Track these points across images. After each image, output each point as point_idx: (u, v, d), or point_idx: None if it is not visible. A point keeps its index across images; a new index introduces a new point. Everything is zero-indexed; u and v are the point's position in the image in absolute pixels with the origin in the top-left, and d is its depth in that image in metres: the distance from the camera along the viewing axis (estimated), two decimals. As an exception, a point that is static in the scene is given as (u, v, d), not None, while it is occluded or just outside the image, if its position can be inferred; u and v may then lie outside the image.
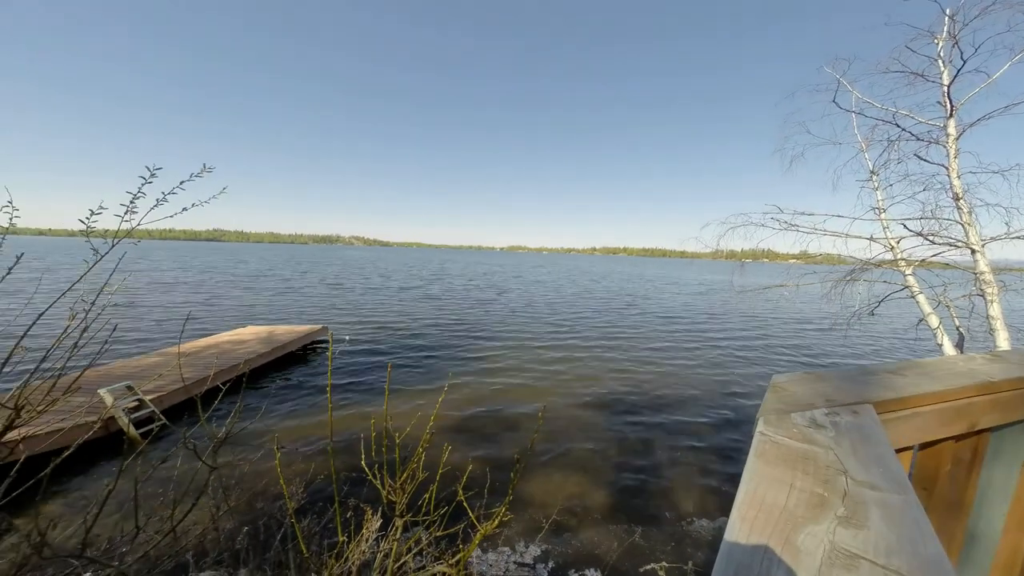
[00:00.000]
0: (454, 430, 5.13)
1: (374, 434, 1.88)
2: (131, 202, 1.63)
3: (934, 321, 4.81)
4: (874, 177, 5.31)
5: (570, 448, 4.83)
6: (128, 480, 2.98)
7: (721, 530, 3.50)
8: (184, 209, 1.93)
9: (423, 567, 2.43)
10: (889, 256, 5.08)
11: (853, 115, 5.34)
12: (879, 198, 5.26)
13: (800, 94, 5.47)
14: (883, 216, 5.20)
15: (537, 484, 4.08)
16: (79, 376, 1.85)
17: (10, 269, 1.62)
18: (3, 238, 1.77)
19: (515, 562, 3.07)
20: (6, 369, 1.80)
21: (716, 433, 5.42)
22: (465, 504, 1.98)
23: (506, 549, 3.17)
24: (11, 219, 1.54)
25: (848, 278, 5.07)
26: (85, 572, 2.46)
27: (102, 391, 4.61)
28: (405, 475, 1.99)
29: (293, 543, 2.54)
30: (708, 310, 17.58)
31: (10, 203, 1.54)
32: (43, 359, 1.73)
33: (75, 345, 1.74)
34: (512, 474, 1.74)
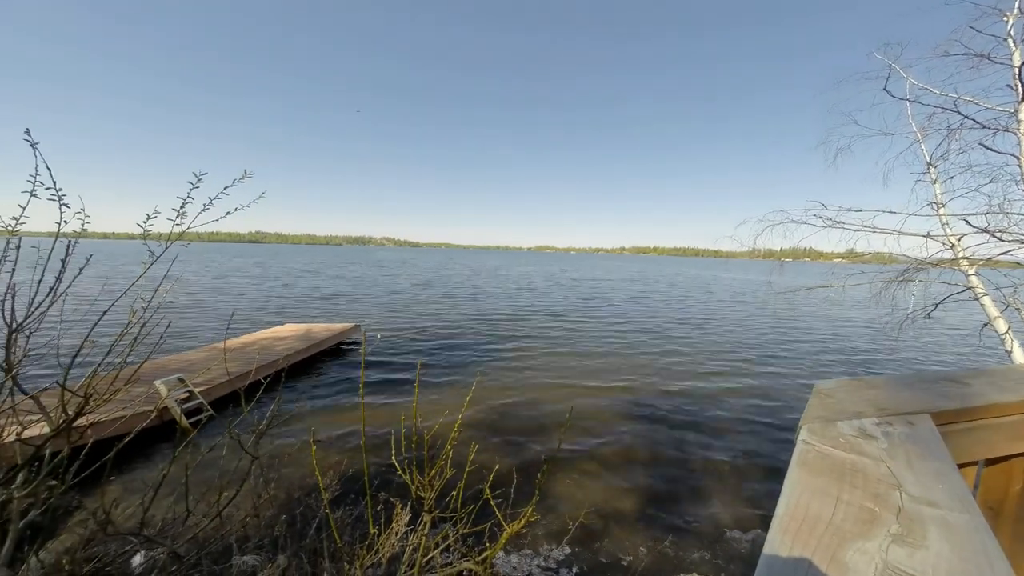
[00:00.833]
0: (483, 430, 5.17)
1: (404, 430, 1.92)
2: (181, 207, 1.74)
3: (1002, 326, 4.39)
4: (931, 170, 4.91)
5: (599, 451, 4.76)
6: (179, 466, 3.20)
7: (758, 541, 3.35)
8: (228, 213, 2.05)
9: (450, 563, 2.47)
10: (948, 255, 4.68)
11: (907, 103, 4.97)
12: (937, 192, 4.86)
13: (847, 83, 5.14)
14: (942, 211, 4.80)
15: (565, 486, 4.05)
16: (138, 368, 1.99)
17: (80, 270, 1.78)
18: (75, 242, 1.94)
19: (539, 565, 3.06)
20: (63, 359, 1.97)
21: (753, 440, 5.19)
22: (492, 503, 1.99)
23: (530, 551, 3.17)
24: (83, 224, 1.69)
25: (901, 278, 4.72)
26: (142, 549, 2.66)
27: (157, 383, 4.97)
28: (433, 472, 2.02)
29: (327, 532, 2.64)
30: (744, 311, 16.85)
31: (82, 210, 1.69)
32: (108, 352, 1.89)
33: (135, 340, 1.89)
34: (539, 475, 1.74)
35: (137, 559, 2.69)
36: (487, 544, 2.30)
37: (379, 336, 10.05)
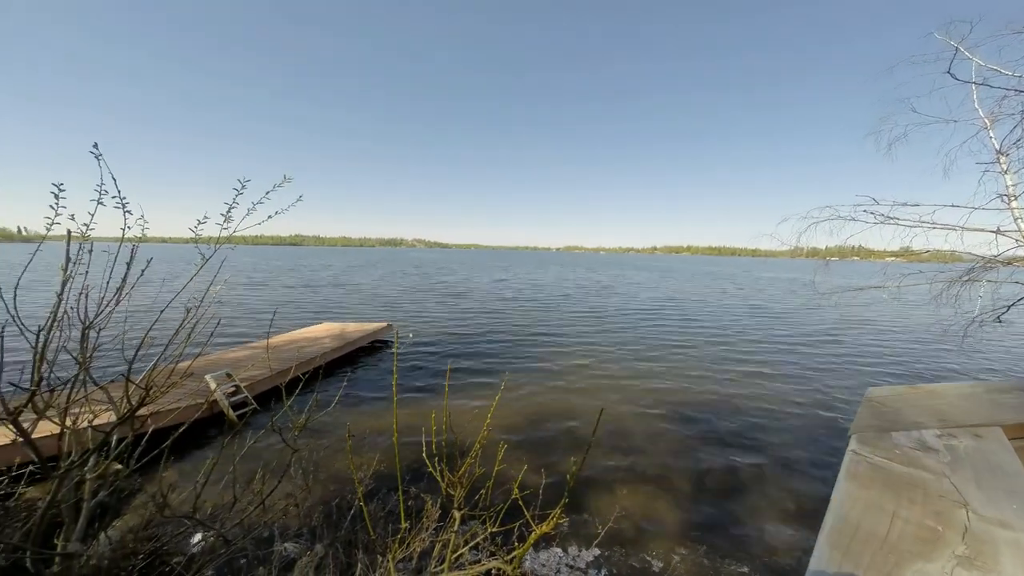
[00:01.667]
0: (512, 431, 5.19)
1: (434, 428, 1.96)
2: (228, 211, 1.86)
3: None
4: (1001, 159, 4.47)
5: (633, 455, 4.66)
6: (226, 456, 3.42)
7: (802, 553, 3.17)
8: (269, 216, 2.16)
9: (478, 561, 2.49)
10: (1023, 252, 4.25)
11: (973, 87, 4.54)
12: (1009, 183, 4.42)
13: (902, 67, 4.77)
14: (1014, 204, 4.36)
15: (595, 490, 3.99)
16: (192, 363, 2.13)
17: (142, 271, 1.93)
18: (137, 246, 2.11)
19: (567, 564, 3.03)
20: (126, 353, 2.14)
21: (797, 446, 4.91)
22: (521, 503, 1.99)
23: (559, 552, 3.14)
24: (143, 230, 1.83)
25: (966, 278, 4.33)
26: (195, 532, 2.85)
27: (207, 377, 5.31)
28: (463, 470, 2.05)
29: (361, 525, 2.74)
30: (786, 312, 15.99)
31: (142, 216, 1.83)
32: (166, 348, 2.04)
33: (188, 336, 2.02)
34: (568, 476, 1.72)
35: (190, 541, 2.89)
36: (515, 544, 2.30)
37: (411, 336, 10.29)
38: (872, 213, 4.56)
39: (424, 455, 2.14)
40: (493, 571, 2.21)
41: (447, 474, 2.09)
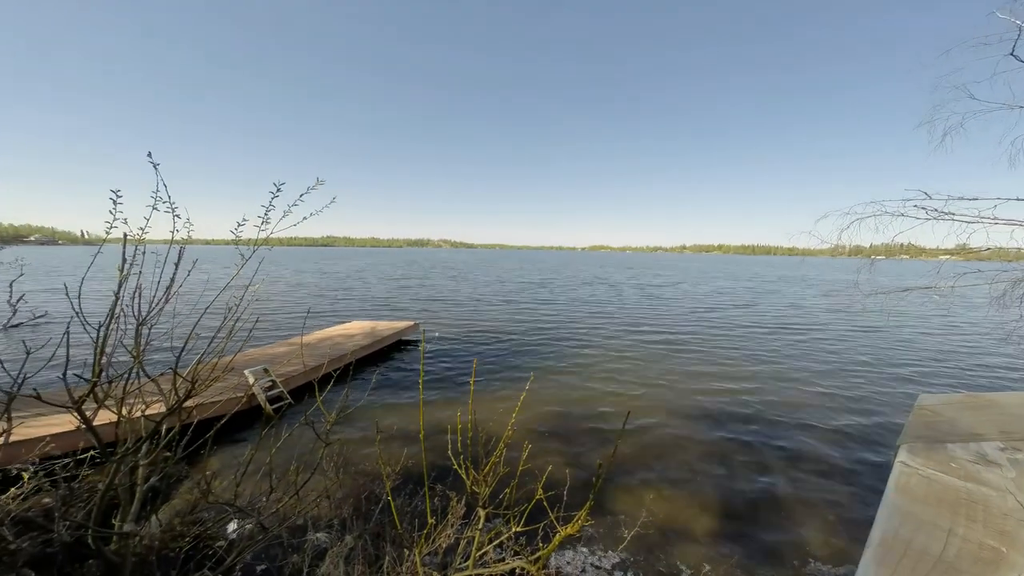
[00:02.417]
0: (538, 432, 5.18)
1: (460, 426, 1.98)
2: (265, 214, 1.95)
3: None
4: (1077, 146, 4.07)
5: (662, 458, 4.55)
6: (263, 448, 3.59)
7: (844, 568, 3.00)
8: (304, 219, 2.25)
9: (503, 559, 2.50)
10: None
11: (1042, 68, 4.16)
12: (1085, 173, 4.01)
13: (958, 51, 4.42)
14: (1092, 196, 3.96)
15: (622, 494, 3.92)
16: (232, 358, 2.24)
17: (188, 272, 2.05)
18: (184, 248, 2.24)
19: (593, 564, 2.99)
20: (174, 348, 2.28)
21: (840, 455, 4.65)
22: (545, 503, 1.99)
23: (585, 554, 3.11)
24: (189, 233, 1.95)
25: (1034, 277, 3.97)
26: (235, 518, 3.01)
27: (247, 372, 5.59)
28: (488, 468, 2.06)
29: (388, 518, 2.80)
30: (826, 314, 15.16)
31: (188, 220, 1.95)
32: (210, 343, 2.16)
33: (230, 333, 2.14)
34: (594, 478, 1.70)
35: (231, 526, 3.05)
36: (540, 544, 2.30)
37: (437, 335, 10.45)
38: (924, 208, 4.25)
39: (449, 452, 2.17)
40: (517, 570, 2.21)
41: (472, 472, 2.11)
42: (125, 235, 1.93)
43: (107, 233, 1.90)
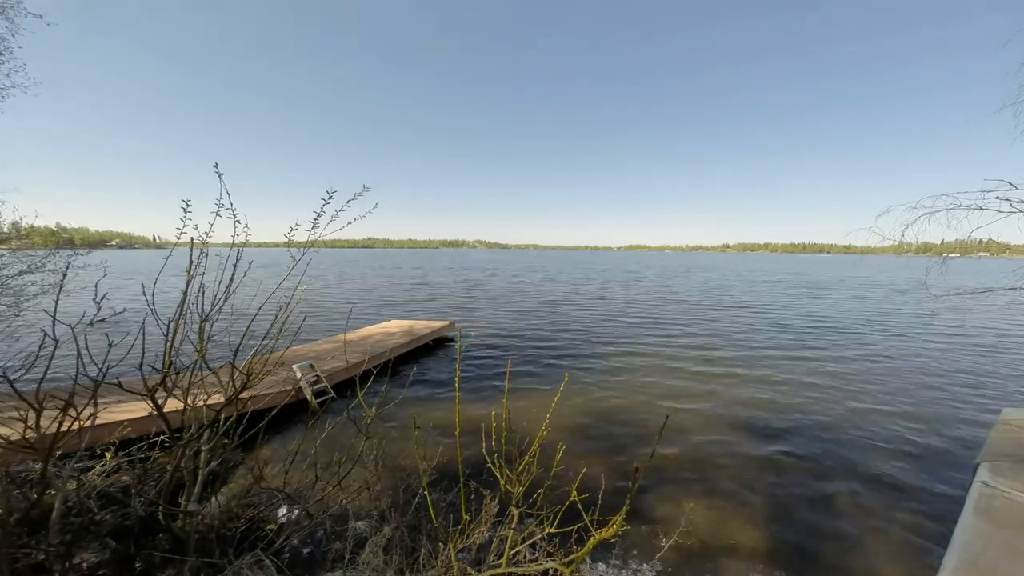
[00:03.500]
0: (572, 432, 5.13)
1: (494, 424, 2.00)
2: (315, 219, 2.06)
3: None
4: None
5: (705, 466, 4.37)
6: (309, 439, 3.80)
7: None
8: (349, 223, 2.36)
9: (536, 559, 2.49)
10: None
11: None
12: None
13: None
14: None
15: (659, 499, 3.80)
16: (283, 354, 2.39)
17: (245, 273, 2.21)
18: (240, 251, 2.42)
19: (627, 573, 2.92)
20: (230, 343, 2.45)
21: (900, 471, 4.26)
22: (579, 506, 1.96)
23: (618, 563, 3.03)
24: (246, 237, 2.10)
25: None
26: (283, 504, 3.20)
27: (294, 366, 5.93)
28: (522, 467, 2.07)
29: (425, 512, 2.88)
30: (887, 317, 13.92)
31: (246, 225, 2.10)
32: (263, 339, 2.31)
33: (280, 330, 2.28)
34: (631, 483, 1.66)
35: (280, 511, 3.24)
36: (573, 547, 2.27)
37: (473, 334, 10.60)
38: (1008, 200, 3.81)
39: (484, 451, 2.20)
40: (551, 572, 2.20)
41: (506, 471, 2.12)
42: (192, 239, 2.12)
43: (177, 238, 2.09)
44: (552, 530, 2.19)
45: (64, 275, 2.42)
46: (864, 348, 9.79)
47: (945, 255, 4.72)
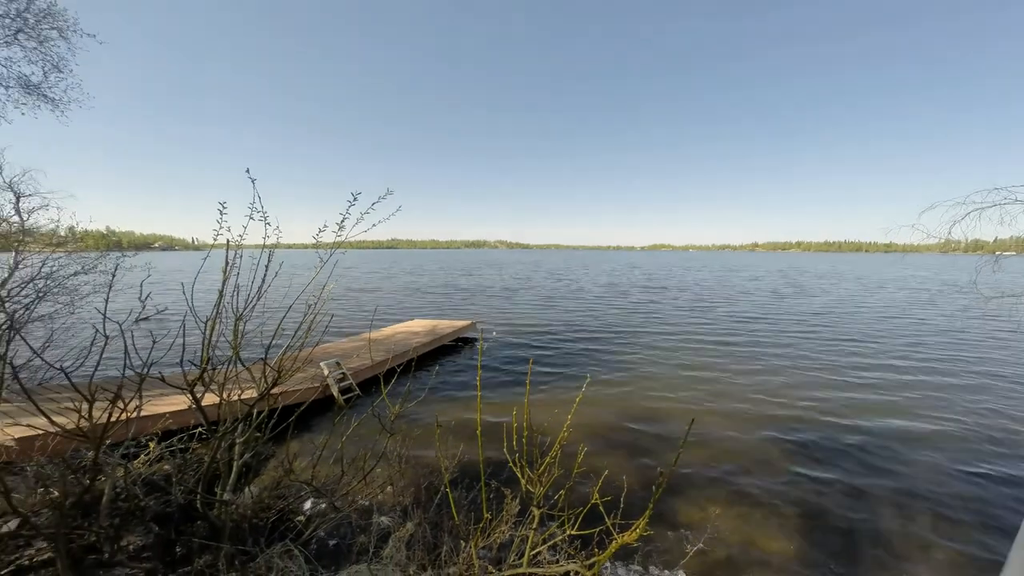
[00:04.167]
0: (593, 434, 5.09)
1: (515, 424, 2.01)
2: (342, 221, 2.13)
3: None
4: None
5: (734, 473, 4.24)
6: (335, 435, 3.92)
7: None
8: (373, 225, 2.42)
9: (556, 561, 2.49)
10: None
11: None
12: None
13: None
14: None
15: (683, 505, 3.71)
16: (311, 351, 2.48)
17: (276, 273, 2.30)
18: (271, 252, 2.52)
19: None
20: (263, 341, 2.55)
21: (944, 484, 4.01)
22: (601, 508, 1.95)
23: (639, 565, 2.98)
24: (277, 239, 2.19)
25: None
26: (311, 497, 3.31)
27: (322, 364, 6.13)
28: (543, 467, 2.07)
29: (446, 510, 2.91)
30: (929, 317, 13.08)
31: (277, 228, 2.19)
32: (293, 337, 2.40)
33: (309, 328, 2.36)
34: (654, 487, 1.64)
35: (308, 504, 3.36)
36: (595, 550, 2.25)
37: (494, 334, 10.65)
38: (1070, 194, 3.53)
39: (505, 450, 2.21)
40: (571, 574, 2.19)
41: (527, 471, 2.13)
42: (228, 241, 2.23)
43: (214, 240, 2.21)
44: (573, 532, 2.18)
45: (113, 276, 2.59)
46: (901, 347, 9.24)
47: (998, 253, 4.41)
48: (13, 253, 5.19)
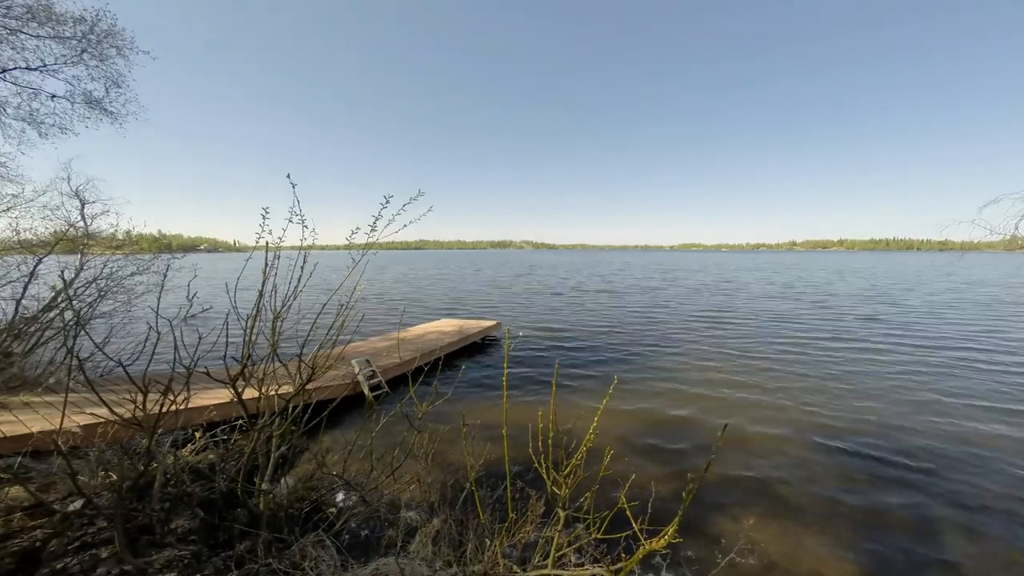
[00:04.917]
0: (621, 437, 5.00)
1: (541, 425, 2.01)
2: (374, 222, 2.20)
3: None
4: None
5: (771, 481, 4.06)
6: (365, 430, 4.04)
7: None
8: (404, 226, 2.48)
9: (582, 564, 2.46)
10: None
11: None
12: None
13: None
14: None
15: (715, 512, 3.59)
16: (343, 349, 2.56)
17: (311, 274, 2.39)
18: (307, 254, 2.63)
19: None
20: (298, 338, 2.66)
21: (1006, 496, 3.68)
22: (628, 513, 1.91)
23: (668, 574, 2.90)
24: (313, 240, 2.28)
25: None
26: (342, 490, 3.42)
27: (353, 361, 6.33)
28: (568, 469, 2.05)
29: (472, 507, 2.94)
30: (982, 320, 12.02)
31: (314, 230, 2.28)
32: (327, 334, 2.50)
33: (341, 326, 2.45)
34: (685, 492, 1.59)
35: (339, 497, 3.48)
36: (621, 555, 2.21)
37: (521, 334, 10.67)
38: None
39: (530, 450, 2.21)
40: (597, 577, 2.15)
41: (552, 472, 2.12)
42: (267, 243, 2.35)
43: (256, 242, 2.34)
44: (599, 535, 2.15)
45: (164, 276, 2.78)
46: (952, 351, 8.54)
47: (1074, 252, 4.01)
48: (79, 256, 5.66)
